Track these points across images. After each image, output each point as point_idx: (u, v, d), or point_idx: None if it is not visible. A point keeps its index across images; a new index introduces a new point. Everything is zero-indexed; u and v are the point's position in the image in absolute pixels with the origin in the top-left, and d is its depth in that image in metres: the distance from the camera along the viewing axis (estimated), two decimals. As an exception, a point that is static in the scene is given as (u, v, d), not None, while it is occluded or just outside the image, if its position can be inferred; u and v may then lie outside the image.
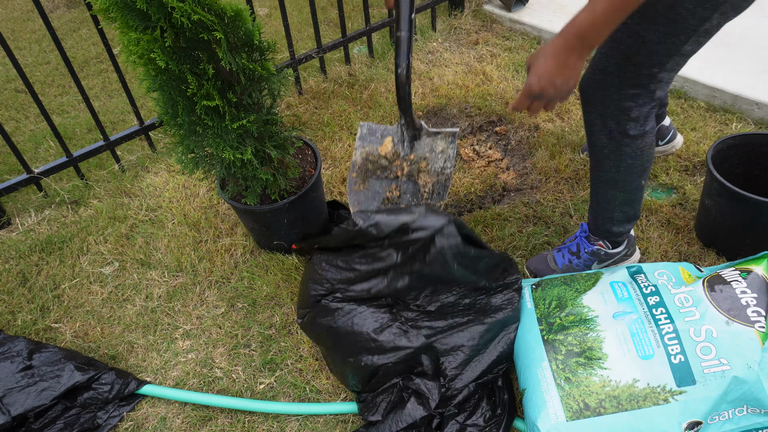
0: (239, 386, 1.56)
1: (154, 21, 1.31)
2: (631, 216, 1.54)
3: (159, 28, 1.30)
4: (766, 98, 2.17)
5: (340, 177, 2.19)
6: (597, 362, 1.27)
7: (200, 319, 1.76)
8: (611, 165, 1.40)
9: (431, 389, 1.35)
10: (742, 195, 1.53)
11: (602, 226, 1.57)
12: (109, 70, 3.20)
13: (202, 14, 1.28)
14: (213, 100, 1.41)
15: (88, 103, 2.17)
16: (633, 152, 1.36)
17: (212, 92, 1.40)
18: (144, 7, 1.25)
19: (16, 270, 1.95)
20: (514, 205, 2.00)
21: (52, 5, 4.05)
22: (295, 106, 2.60)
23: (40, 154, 2.57)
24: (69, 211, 2.18)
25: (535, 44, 2.88)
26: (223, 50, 1.35)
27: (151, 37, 1.31)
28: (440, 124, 2.46)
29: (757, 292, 1.24)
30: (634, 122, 1.30)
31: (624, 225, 1.56)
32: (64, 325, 1.78)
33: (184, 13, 1.26)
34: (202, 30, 1.32)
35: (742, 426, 1.17)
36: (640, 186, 1.45)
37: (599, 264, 1.66)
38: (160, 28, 1.31)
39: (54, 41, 2.01)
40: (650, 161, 1.40)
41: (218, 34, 1.31)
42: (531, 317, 1.43)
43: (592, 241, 1.62)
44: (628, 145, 1.34)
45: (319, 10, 3.53)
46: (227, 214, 2.10)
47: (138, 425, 1.51)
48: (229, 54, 1.36)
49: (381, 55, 2.90)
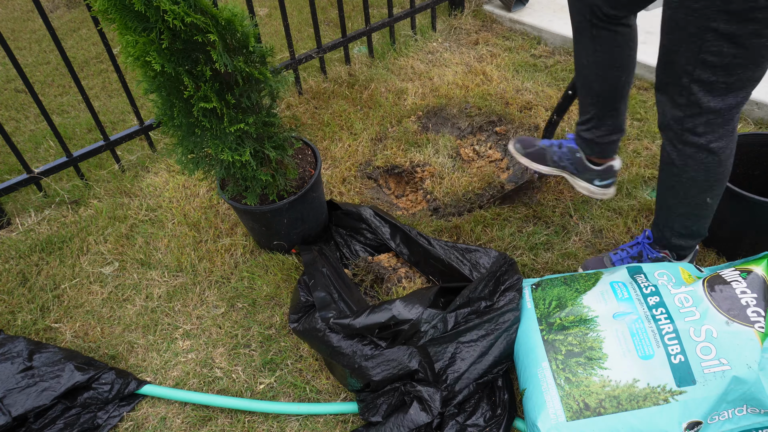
0: (239, 386, 1.56)
1: (152, 23, 1.31)
2: (694, 232, 1.46)
3: (156, 30, 1.30)
4: (766, 98, 2.17)
5: (340, 177, 2.19)
6: (597, 362, 1.27)
7: (200, 319, 1.76)
8: (675, 174, 1.36)
9: (432, 395, 1.35)
10: (742, 195, 1.53)
11: (662, 233, 1.52)
12: (109, 70, 3.20)
13: (195, 17, 1.28)
14: (210, 102, 1.40)
15: (88, 103, 2.17)
16: (696, 165, 1.30)
17: (209, 94, 1.40)
18: (142, 9, 1.25)
19: (16, 270, 1.95)
20: (514, 205, 2.00)
21: (52, 5, 4.05)
22: (295, 106, 2.60)
23: (40, 154, 2.57)
24: (69, 211, 2.18)
25: (535, 44, 2.88)
26: (218, 52, 1.34)
27: (147, 39, 1.31)
28: (440, 124, 2.46)
29: (757, 293, 1.24)
30: (690, 132, 1.26)
31: (685, 239, 1.49)
32: (64, 325, 1.78)
33: (177, 16, 1.26)
34: (197, 32, 1.32)
35: (742, 426, 1.17)
36: (705, 203, 1.38)
37: None
38: (158, 30, 1.31)
39: (54, 41, 2.01)
40: (719, 182, 1.33)
41: (212, 36, 1.31)
42: (531, 317, 1.43)
43: (657, 249, 1.56)
44: (690, 155, 1.29)
45: (319, 10, 3.53)
46: (227, 214, 2.10)
47: (138, 425, 1.51)
48: (225, 56, 1.36)
49: (381, 55, 2.90)
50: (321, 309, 1.52)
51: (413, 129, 2.40)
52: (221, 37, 1.36)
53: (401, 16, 2.87)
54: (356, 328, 1.45)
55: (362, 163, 2.27)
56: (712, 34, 1.10)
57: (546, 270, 1.76)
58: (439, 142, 2.31)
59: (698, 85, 1.19)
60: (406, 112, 2.50)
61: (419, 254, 1.74)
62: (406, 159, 2.25)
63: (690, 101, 1.22)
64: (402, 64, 2.83)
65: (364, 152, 2.31)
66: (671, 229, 1.48)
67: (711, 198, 1.37)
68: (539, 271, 1.76)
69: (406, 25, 3.07)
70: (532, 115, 2.40)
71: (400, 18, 2.87)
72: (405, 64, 2.83)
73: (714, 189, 1.35)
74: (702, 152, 1.28)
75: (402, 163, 2.24)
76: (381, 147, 2.33)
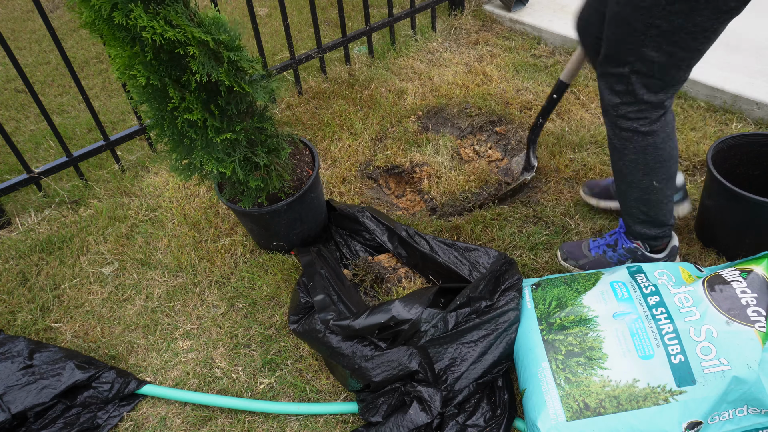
0: (239, 386, 1.56)
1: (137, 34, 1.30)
2: (654, 219, 1.54)
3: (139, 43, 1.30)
4: (766, 98, 2.17)
5: (340, 177, 2.19)
6: (597, 362, 1.27)
7: (200, 319, 1.76)
8: (618, 156, 1.48)
9: (432, 395, 1.35)
10: (742, 195, 1.53)
11: (626, 222, 1.61)
12: (109, 70, 3.20)
13: (174, 32, 1.27)
14: (193, 114, 1.39)
15: (88, 103, 2.17)
16: (634, 147, 1.42)
17: (193, 105, 1.39)
18: (124, 21, 1.25)
19: (16, 270, 1.95)
20: (514, 205, 2.00)
21: (52, 5, 4.05)
22: (295, 106, 2.60)
23: (40, 154, 2.57)
24: (69, 211, 2.18)
25: (535, 44, 2.88)
26: (198, 63, 1.33)
27: (131, 53, 1.31)
28: (440, 124, 2.46)
29: (757, 292, 1.24)
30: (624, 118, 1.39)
31: (648, 227, 1.56)
32: (64, 325, 1.78)
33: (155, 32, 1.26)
34: (178, 45, 1.31)
35: (742, 426, 1.17)
36: (653, 186, 1.47)
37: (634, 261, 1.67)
38: (140, 42, 1.30)
39: (54, 41, 2.01)
40: (661, 164, 1.44)
41: (191, 50, 1.30)
42: (531, 317, 1.43)
43: (630, 239, 1.64)
44: (627, 139, 1.41)
45: (319, 10, 3.53)
46: (227, 214, 2.10)
47: (138, 425, 1.51)
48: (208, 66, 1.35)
49: (381, 55, 2.90)
50: (320, 311, 1.52)
51: (413, 129, 2.40)
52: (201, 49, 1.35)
53: (401, 16, 2.87)
54: (356, 329, 1.45)
55: (362, 163, 2.27)
56: (655, 30, 1.22)
57: (546, 270, 1.76)
58: (439, 142, 2.31)
59: (636, 77, 1.31)
60: (406, 112, 2.50)
61: (417, 257, 1.74)
62: (406, 159, 2.25)
63: (627, 90, 1.34)
64: (402, 64, 2.83)
65: (364, 152, 2.31)
66: (631, 215, 1.57)
67: (657, 182, 1.46)
68: (539, 271, 1.76)
69: (406, 25, 3.07)
70: (532, 115, 2.40)
71: (400, 18, 2.87)
72: (405, 64, 2.83)
73: (657, 172, 1.45)
74: (637, 135, 1.40)
75: (402, 163, 2.24)
76: (381, 147, 2.33)
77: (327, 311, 1.52)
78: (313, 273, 1.66)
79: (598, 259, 1.69)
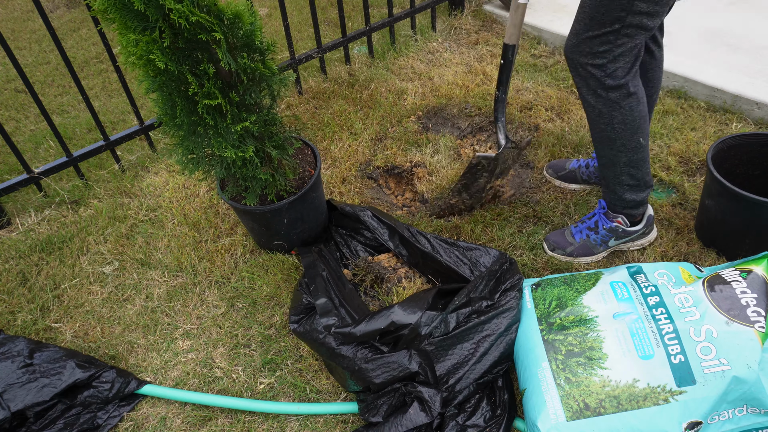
0: (239, 386, 1.56)
1: (153, 22, 1.31)
2: (641, 182, 1.58)
3: (158, 29, 1.30)
4: (766, 98, 2.17)
5: (340, 177, 2.19)
6: (597, 362, 1.27)
7: (200, 319, 1.76)
8: (605, 123, 1.50)
9: (433, 396, 1.35)
10: (742, 195, 1.53)
11: (615, 194, 1.62)
12: (109, 70, 3.20)
13: (200, 16, 1.28)
14: (215, 99, 1.40)
15: (88, 103, 2.17)
16: (621, 108, 1.46)
17: (214, 91, 1.40)
18: (142, 8, 1.25)
19: (16, 270, 1.95)
20: (514, 205, 2.00)
21: (52, 5, 4.05)
22: (295, 106, 2.60)
23: (40, 154, 2.57)
24: (69, 211, 2.18)
25: (535, 44, 2.88)
26: (223, 51, 1.35)
27: (149, 38, 1.31)
28: (440, 124, 2.46)
29: (757, 292, 1.24)
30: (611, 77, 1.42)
31: (637, 192, 1.60)
32: (64, 325, 1.78)
33: (182, 15, 1.26)
34: (201, 31, 1.32)
35: (742, 426, 1.17)
36: (640, 144, 1.51)
37: (616, 241, 1.70)
38: (159, 28, 1.31)
39: (54, 41, 2.01)
40: (643, 119, 1.50)
41: (217, 35, 1.31)
42: (531, 317, 1.43)
43: (611, 217, 1.67)
44: (614, 101, 1.45)
45: (319, 10, 3.53)
46: (227, 214, 2.10)
47: (138, 425, 1.51)
48: (228, 55, 1.36)
49: (381, 55, 2.90)
50: (322, 316, 1.52)
51: (413, 129, 2.40)
52: (225, 35, 1.36)
53: (401, 16, 2.87)
54: (357, 336, 1.45)
55: (362, 163, 2.27)
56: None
57: (546, 270, 1.76)
58: (440, 142, 2.31)
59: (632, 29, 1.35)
60: (406, 112, 2.50)
61: (418, 256, 1.74)
62: (406, 159, 2.25)
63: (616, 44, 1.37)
64: (402, 64, 2.84)
65: (364, 152, 2.31)
66: (621, 183, 1.59)
67: (643, 138, 1.52)
68: (539, 270, 1.76)
69: (406, 25, 3.07)
70: (532, 115, 2.40)
71: (400, 18, 2.87)
72: (405, 64, 2.83)
73: (642, 128, 1.51)
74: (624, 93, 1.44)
75: (402, 163, 2.25)
76: (381, 147, 2.33)
77: (329, 316, 1.52)
78: (315, 275, 1.66)
79: (583, 244, 1.73)
